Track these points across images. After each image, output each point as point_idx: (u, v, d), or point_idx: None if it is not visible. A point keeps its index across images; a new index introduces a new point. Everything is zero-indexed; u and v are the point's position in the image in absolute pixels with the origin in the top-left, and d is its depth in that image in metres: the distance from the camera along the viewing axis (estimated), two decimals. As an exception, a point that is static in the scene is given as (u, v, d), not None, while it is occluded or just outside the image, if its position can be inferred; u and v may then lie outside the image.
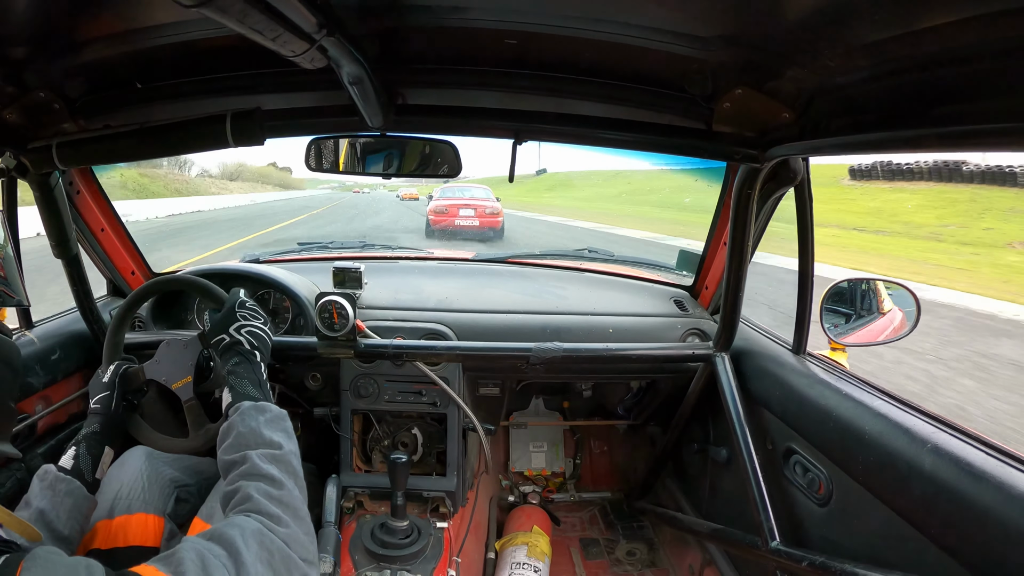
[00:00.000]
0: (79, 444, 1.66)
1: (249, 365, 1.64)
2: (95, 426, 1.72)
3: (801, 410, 1.88)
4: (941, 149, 1.13)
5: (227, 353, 1.66)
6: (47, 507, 1.51)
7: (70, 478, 1.59)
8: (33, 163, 1.74)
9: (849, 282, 2.31)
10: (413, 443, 2.50)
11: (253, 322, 1.73)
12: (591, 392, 3.12)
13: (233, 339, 1.67)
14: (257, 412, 1.48)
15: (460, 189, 19.77)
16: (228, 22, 0.89)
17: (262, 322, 1.76)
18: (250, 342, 1.69)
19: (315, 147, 1.93)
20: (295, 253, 3.35)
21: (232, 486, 1.31)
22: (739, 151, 1.68)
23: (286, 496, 1.31)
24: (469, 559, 2.40)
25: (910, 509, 1.39)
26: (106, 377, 1.81)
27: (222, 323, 1.71)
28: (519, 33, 1.44)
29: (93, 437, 1.69)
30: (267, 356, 1.71)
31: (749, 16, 1.21)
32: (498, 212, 18.53)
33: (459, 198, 18.83)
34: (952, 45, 0.98)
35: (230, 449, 1.40)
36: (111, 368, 1.83)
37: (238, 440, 1.41)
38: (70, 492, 1.57)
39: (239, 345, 1.67)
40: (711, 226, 2.54)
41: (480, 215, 18.21)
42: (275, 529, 1.21)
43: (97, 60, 1.54)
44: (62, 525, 1.52)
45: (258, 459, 1.35)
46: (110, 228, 2.48)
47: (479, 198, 19.04)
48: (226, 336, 1.68)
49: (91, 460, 1.65)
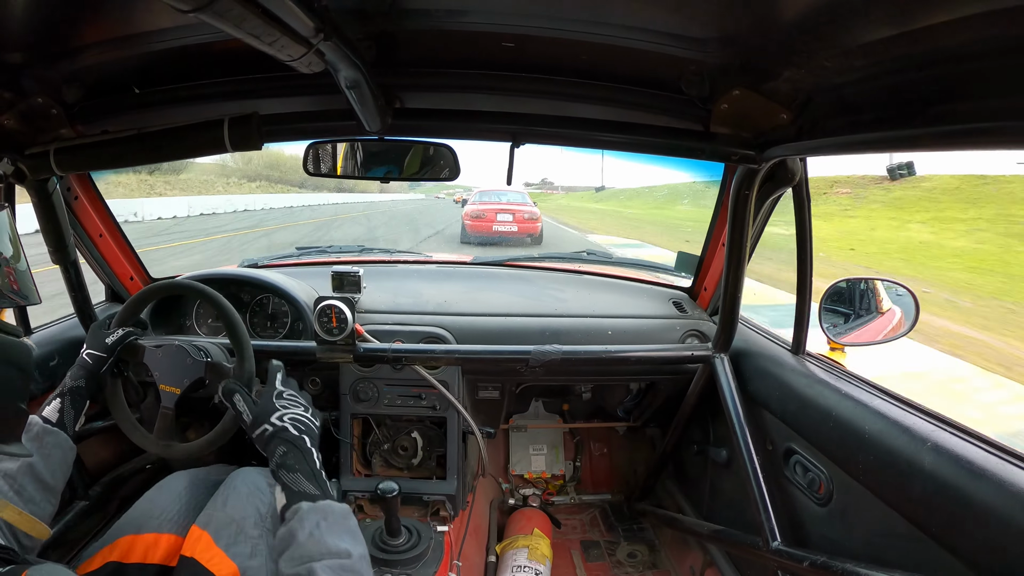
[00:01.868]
0: (64, 397, 1.67)
1: (299, 454, 1.47)
2: (81, 381, 1.73)
3: (801, 410, 1.88)
4: (938, 148, 1.13)
5: (272, 443, 1.51)
6: (36, 460, 1.51)
7: (56, 430, 1.60)
8: (31, 169, 1.75)
9: (848, 282, 2.32)
10: (413, 447, 2.50)
11: (295, 409, 1.58)
12: (591, 394, 3.12)
13: (276, 427, 1.53)
14: (317, 515, 1.33)
15: (498, 194, 18.47)
16: (225, 27, 0.89)
17: (304, 407, 1.61)
18: (296, 427, 1.53)
19: (313, 151, 1.93)
20: (293, 258, 3.34)
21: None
22: (736, 152, 1.68)
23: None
24: (470, 562, 2.40)
25: (911, 508, 1.39)
26: (111, 339, 1.83)
27: (261, 415, 1.57)
28: (516, 36, 1.44)
29: (78, 391, 1.71)
30: (316, 441, 1.54)
31: (746, 17, 1.21)
32: (536, 218, 17.73)
33: (496, 203, 17.82)
34: (948, 44, 0.99)
35: (292, 561, 1.25)
36: (119, 332, 1.85)
37: (298, 552, 1.26)
38: (58, 444, 1.59)
39: (284, 431, 1.52)
40: (709, 227, 2.54)
41: (519, 220, 17.35)
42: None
43: (95, 65, 1.54)
44: (50, 476, 1.53)
45: (324, 572, 1.21)
46: (108, 234, 2.48)
47: (517, 203, 18.08)
48: (268, 426, 1.53)
49: (74, 414, 1.67)
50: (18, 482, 1.46)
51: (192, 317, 2.66)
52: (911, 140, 1.16)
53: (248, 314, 2.63)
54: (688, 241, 16.04)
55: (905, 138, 1.17)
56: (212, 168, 45.69)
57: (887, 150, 1.29)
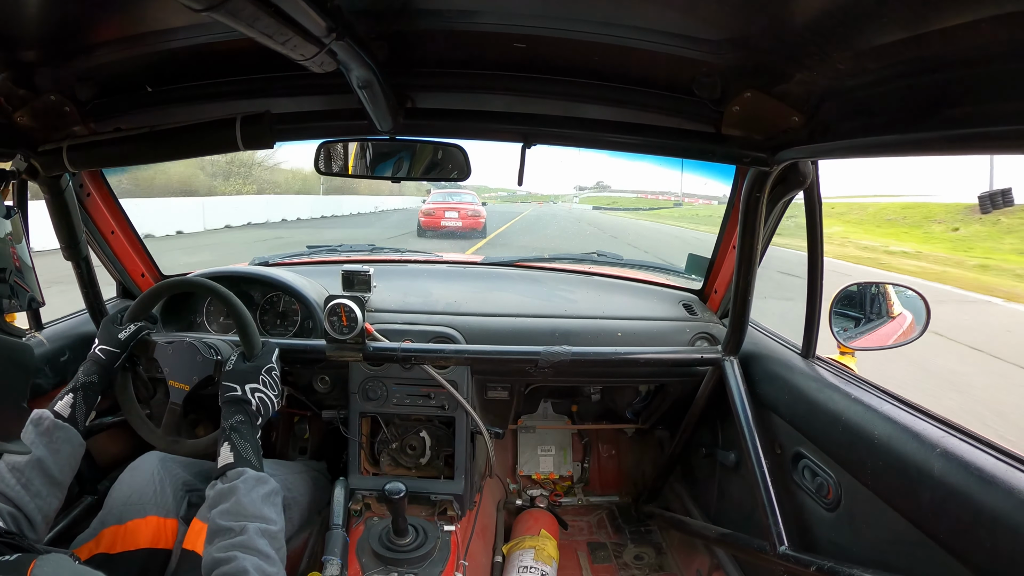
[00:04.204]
0: (76, 392, 1.70)
1: (251, 429, 1.67)
2: (93, 376, 1.76)
3: (810, 414, 1.87)
4: (951, 152, 1.12)
5: (233, 406, 1.70)
6: (44, 454, 1.55)
7: (67, 425, 1.63)
8: (44, 166, 1.76)
9: (859, 286, 2.30)
10: (421, 446, 2.50)
11: (269, 391, 1.78)
12: (599, 396, 3.12)
13: (244, 396, 1.71)
14: (259, 484, 1.52)
15: (448, 195, 21.96)
16: (238, 26, 0.90)
17: (275, 394, 1.81)
18: (258, 407, 1.73)
19: (324, 150, 1.94)
20: (304, 256, 3.35)
21: (225, 553, 1.34)
22: (748, 154, 1.68)
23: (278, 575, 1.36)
24: (476, 562, 2.40)
25: (919, 514, 1.38)
26: (124, 334, 1.86)
27: (243, 376, 1.75)
28: (527, 37, 1.45)
29: (90, 387, 1.74)
30: (263, 423, 1.77)
31: (758, 19, 1.20)
32: (479, 215, 21.08)
33: (446, 203, 21.24)
34: (962, 47, 0.98)
35: (228, 515, 1.43)
36: (132, 327, 1.88)
37: (237, 508, 1.44)
38: (68, 440, 1.62)
39: (247, 405, 1.71)
40: (720, 230, 2.53)
41: (463, 217, 20.67)
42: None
43: (108, 64, 1.55)
44: (58, 471, 1.56)
45: (255, 534, 1.39)
46: (120, 231, 2.50)
47: (465, 202, 21.54)
48: (239, 389, 1.72)
49: (86, 409, 1.70)
50: (25, 476, 1.48)
51: (202, 314, 2.67)
52: (924, 144, 1.15)
53: (259, 312, 2.64)
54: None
55: (918, 141, 1.16)
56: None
57: (900, 153, 1.27)
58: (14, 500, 1.44)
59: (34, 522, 1.46)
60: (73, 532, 1.80)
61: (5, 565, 1.00)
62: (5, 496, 1.43)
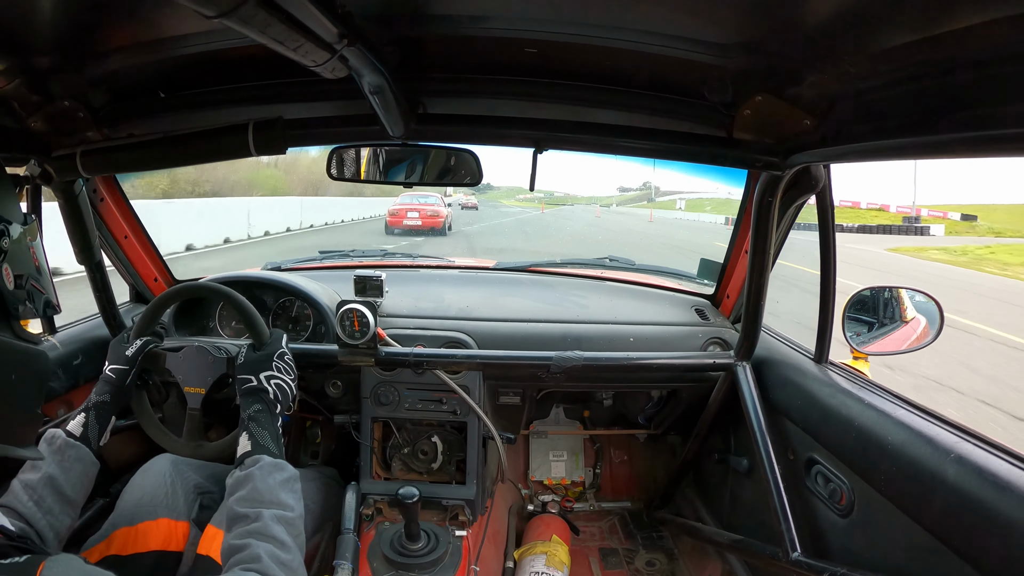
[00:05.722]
0: (88, 411, 1.69)
1: (270, 417, 1.65)
2: (106, 396, 1.74)
3: (823, 420, 1.86)
4: (965, 155, 1.11)
5: (251, 396, 1.68)
6: (56, 472, 1.53)
7: (79, 444, 1.62)
8: (57, 171, 1.78)
9: (872, 290, 2.29)
10: (433, 451, 2.50)
11: (284, 376, 1.75)
12: (611, 401, 3.11)
13: (260, 386, 1.69)
14: (276, 470, 1.50)
15: (412, 197, 24.06)
16: (250, 33, 0.90)
17: (292, 378, 1.78)
18: (276, 394, 1.70)
19: (337, 156, 1.95)
20: (316, 261, 3.37)
21: (241, 540, 1.33)
22: (760, 158, 1.67)
23: (293, 562, 1.34)
24: (488, 567, 2.39)
25: (933, 520, 1.37)
26: (130, 351, 1.83)
27: (255, 366, 1.72)
28: (539, 42, 1.45)
29: (103, 407, 1.72)
30: (284, 411, 1.74)
31: (769, 23, 1.20)
32: (439, 214, 23.66)
33: (409, 204, 23.60)
34: (974, 48, 0.97)
35: (244, 502, 1.42)
36: (138, 343, 1.85)
37: (253, 495, 1.43)
38: (80, 458, 1.60)
39: (264, 393, 1.68)
40: (732, 234, 2.52)
41: (423, 216, 23.23)
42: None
43: (121, 69, 1.57)
44: (70, 490, 1.55)
45: (271, 520, 1.38)
46: (133, 235, 2.52)
47: (427, 203, 23.90)
48: (254, 379, 1.69)
49: (99, 429, 1.68)
50: (38, 493, 1.48)
51: (215, 319, 2.68)
52: (937, 146, 1.14)
53: (271, 317, 2.65)
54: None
55: (931, 144, 1.16)
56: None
57: (912, 157, 1.27)
58: (26, 517, 1.44)
59: (45, 539, 1.45)
60: (85, 534, 1.80)
61: (15, 567, 1.01)
62: (17, 513, 1.43)
